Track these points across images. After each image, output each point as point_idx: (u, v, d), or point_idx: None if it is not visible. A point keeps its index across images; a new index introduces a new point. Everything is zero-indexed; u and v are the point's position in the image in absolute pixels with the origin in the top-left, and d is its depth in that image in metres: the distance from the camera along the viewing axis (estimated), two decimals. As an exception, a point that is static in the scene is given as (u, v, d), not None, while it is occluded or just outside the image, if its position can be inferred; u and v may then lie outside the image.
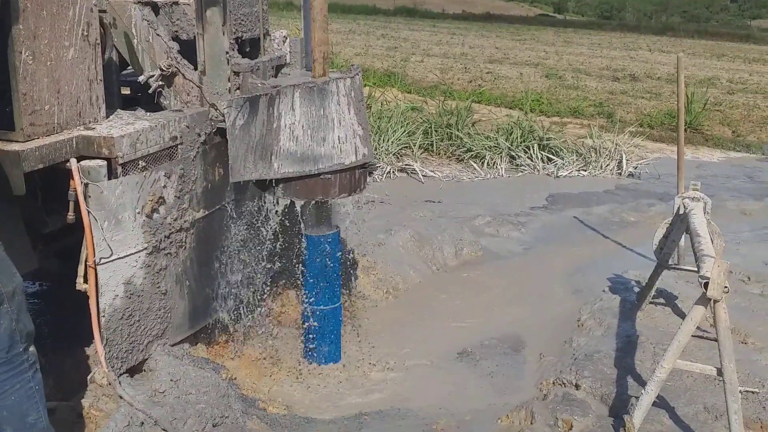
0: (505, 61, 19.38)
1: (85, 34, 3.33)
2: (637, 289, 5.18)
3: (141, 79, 3.80)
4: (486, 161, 9.00)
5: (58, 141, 3.16)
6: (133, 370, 3.50)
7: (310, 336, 4.17)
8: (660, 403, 3.67)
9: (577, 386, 3.97)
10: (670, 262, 4.68)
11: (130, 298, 3.40)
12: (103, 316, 3.28)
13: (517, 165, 9.03)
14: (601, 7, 60.18)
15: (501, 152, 9.10)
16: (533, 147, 9.17)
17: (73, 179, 3.15)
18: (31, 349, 2.65)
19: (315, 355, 4.19)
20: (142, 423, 3.21)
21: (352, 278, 5.09)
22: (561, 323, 4.91)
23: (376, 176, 8.13)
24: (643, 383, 3.75)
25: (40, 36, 3.12)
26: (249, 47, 4.06)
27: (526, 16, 42.86)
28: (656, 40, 27.70)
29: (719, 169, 9.62)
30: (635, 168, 9.11)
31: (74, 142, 3.22)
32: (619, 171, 9.02)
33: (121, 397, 3.29)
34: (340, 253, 4.20)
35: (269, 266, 4.21)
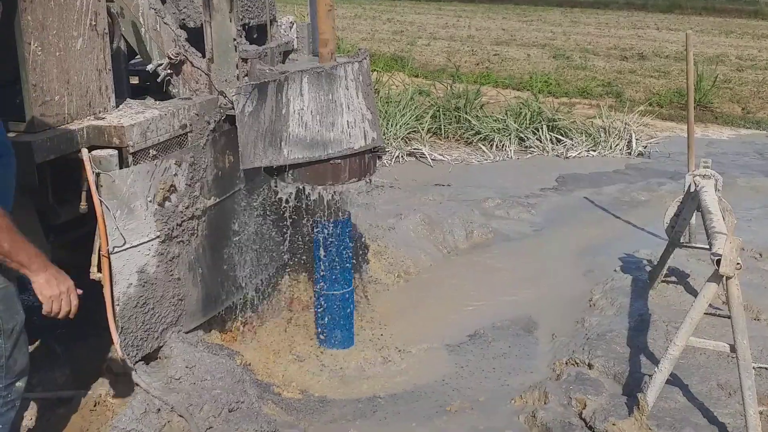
0: (512, 42, 19.27)
1: (93, 23, 3.34)
2: (648, 268, 5.18)
3: (149, 67, 3.80)
4: (495, 143, 8.99)
5: (69, 131, 3.17)
6: (149, 358, 3.53)
7: (323, 321, 4.20)
8: (673, 380, 3.68)
9: (590, 366, 3.99)
10: (681, 240, 4.67)
11: (143, 286, 3.42)
12: (118, 305, 3.31)
13: (526, 147, 9.01)
14: (608, -15, 59.61)
15: (510, 134, 9.08)
16: (542, 128, 9.15)
17: (84, 169, 3.17)
18: (18, 384, 2.57)
19: (328, 339, 4.22)
20: (159, 409, 3.24)
21: (364, 263, 5.11)
22: (573, 303, 4.93)
23: (385, 161, 8.12)
24: (656, 361, 3.76)
25: (49, 26, 3.13)
26: (256, 34, 4.05)
27: (533, -3, 42.50)
28: (664, 18, 27.46)
29: (729, 147, 9.57)
30: (645, 147, 9.07)
31: (85, 132, 3.24)
32: (629, 150, 8.99)
33: (137, 385, 3.32)
34: (351, 238, 4.21)
35: (282, 252, 4.23)
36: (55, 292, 2.40)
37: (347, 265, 4.17)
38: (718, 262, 3.15)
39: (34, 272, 2.36)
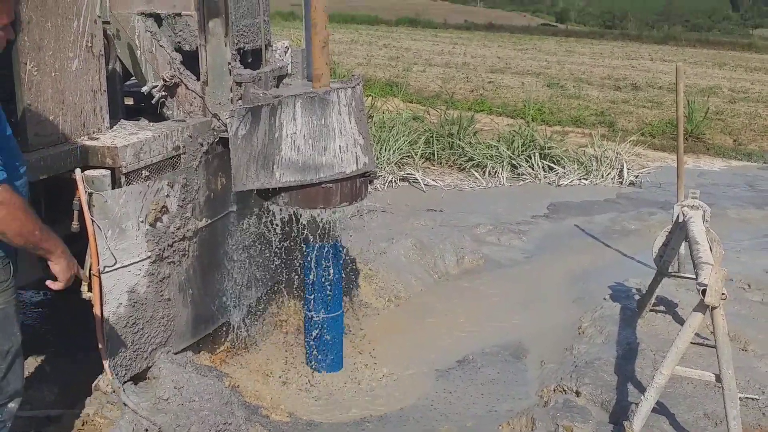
0: (506, 70, 19.46)
1: (89, 45, 3.38)
2: (637, 297, 5.20)
3: (144, 89, 3.85)
4: (487, 170, 9.04)
5: (63, 151, 3.20)
6: (137, 378, 3.53)
7: (313, 343, 4.20)
8: (660, 409, 3.69)
9: (577, 393, 4.00)
10: (670, 270, 4.70)
11: (133, 306, 3.43)
12: (107, 324, 3.31)
13: (519, 174, 9.08)
14: (603, 16, 60.48)
15: (502, 161, 9.14)
16: (534, 156, 9.22)
17: (77, 189, 3.19)
18: (10, 406, 2.63)
19: (317, 362, 4.22)
20: (146, 430, 3.24)
21: (354, 286, 5.12)
22: (562, 331, 4.94)
23: (378, 185, 8.17)
24: (643, 390, 3.77)
25: (45, 47, 3.17)
26: (251, 58, 4.10)
27: (528, 26, 43.00)
28: (658, 50, 27.79)
29: (720, 178, 9.64)
30: (636, 177, 9.14)
31: (78, 152, 3.26)
32: (620, 180, 9.06)
33: (125, 405, 3.32)
34: (341, 262, 4.23)
35: (272, 274, 4.25)
36: (69, 275, 2.60)
37: (337, 288, 4.18)
38: (704, 292, 3.18)
39: (56, 257, 2.55)
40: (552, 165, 9.15)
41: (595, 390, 3.98)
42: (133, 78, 4.08)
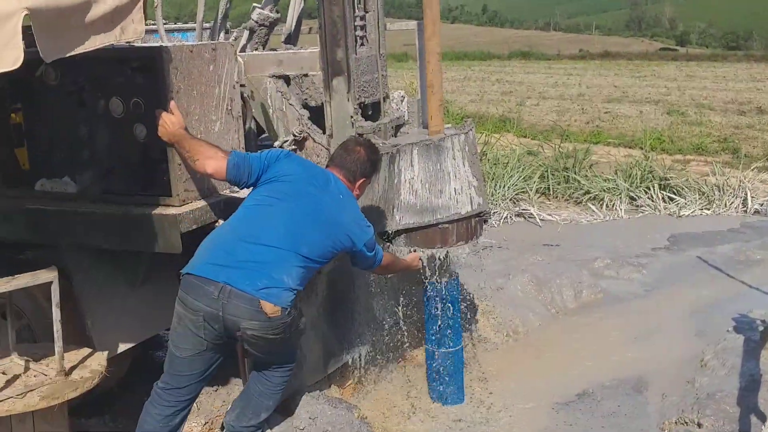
0: (624, 99, 19.20)
1: (229, 108, 3.77)
2: (762, 329, 5.12)
3: (276, 144, 4.21)
4: (605, 203, 9.01)
5: (209, 204, 3.58)
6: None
7: (435, 377, 4.41)
8: (784, 441, 3.67)
9: (699, 425, 4.01)
10: (793, 301, 4.64)
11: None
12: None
13: (637, 206, 8.99)
14: (726, 37, 58.33)
15: (620, 193, 9.08)
16: (653, 187, 9.11)
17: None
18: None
19: (439, 395, 4.42)
20: (284, 457, 3.53)
21: (473, 322, 5.29)
22: (684, 363, 4.93)
23: (494, 222, 8.30)
24: (765, 421, 3.76)
25: (192, 113, 3.57)
26: (371, 110, 4.40)
27: (646, 52, 42.06)
28: (785, 69, 26.60)
29: None
30: (762, 205, 8.86)
31: (222, 204, 3.64)
32: (745, 208, 8.81)
33: (265, 433, 3.63)
34: (459, 298, 4.44)
35: (395, 312, 4.49)
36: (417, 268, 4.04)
37: (456, 324, 4.38)
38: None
39: (413, 268, 4.00)
40: (672, 195, 9.02)
41: (716, 422, 3.98)
42: (266, 133, 4.47)
